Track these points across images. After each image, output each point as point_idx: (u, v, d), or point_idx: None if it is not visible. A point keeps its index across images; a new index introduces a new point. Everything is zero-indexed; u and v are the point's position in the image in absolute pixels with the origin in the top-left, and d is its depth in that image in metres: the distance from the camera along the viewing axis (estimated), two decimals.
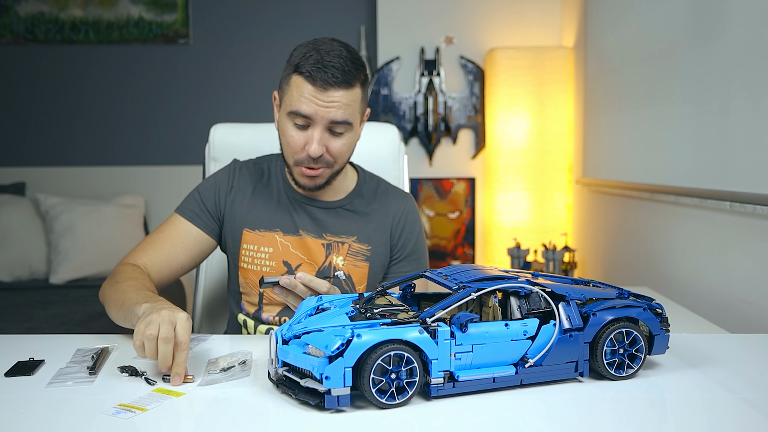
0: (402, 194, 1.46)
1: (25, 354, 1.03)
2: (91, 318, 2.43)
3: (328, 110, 1.21)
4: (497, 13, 3.33)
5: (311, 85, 1.20)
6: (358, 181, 1.43)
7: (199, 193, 1.38)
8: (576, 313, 0.91)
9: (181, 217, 1.35)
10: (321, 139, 1.23)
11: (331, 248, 1.36)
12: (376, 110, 3.34)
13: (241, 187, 1.39)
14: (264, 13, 3.54)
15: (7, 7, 3.50)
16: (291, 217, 1.36)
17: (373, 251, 1.38)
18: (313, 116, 1.22)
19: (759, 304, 1.54)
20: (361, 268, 1.37)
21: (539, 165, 3.13)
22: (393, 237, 1.41)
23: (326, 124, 1.23)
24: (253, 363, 0.99)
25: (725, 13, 1.66)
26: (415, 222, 1.44)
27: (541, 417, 0.82)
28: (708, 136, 1.74)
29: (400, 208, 1.43)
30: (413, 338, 0.81)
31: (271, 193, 1.39)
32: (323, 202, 1.38)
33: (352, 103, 1.24)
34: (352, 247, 1.37)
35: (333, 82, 1.20)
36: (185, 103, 3.56)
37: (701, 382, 0.92)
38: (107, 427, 0.78)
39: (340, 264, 1.36)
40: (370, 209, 1.41)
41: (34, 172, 3.50)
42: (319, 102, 1.21)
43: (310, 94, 1.21)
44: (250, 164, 1.43)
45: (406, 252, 1.42)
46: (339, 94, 1.21)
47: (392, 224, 1.41)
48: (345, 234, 1.37)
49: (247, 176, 1.40)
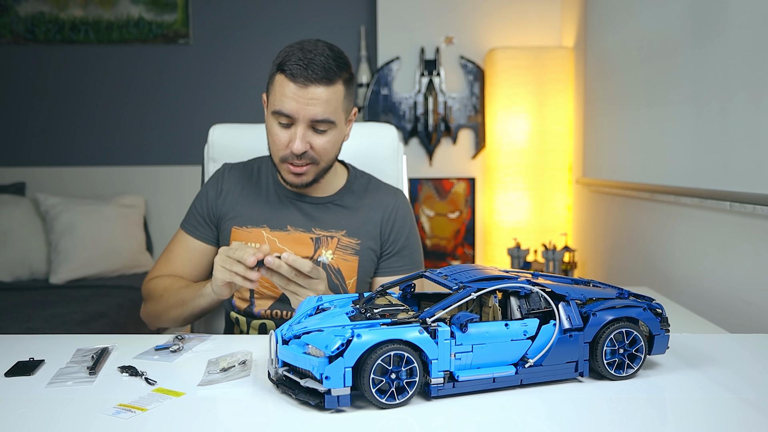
0: (393, 190, 1.48)
1: (25, 354, 1.03)
2: (91, 318, 2.43)
3: (308, 108, 1.24)
4: (497, 13, 3.33)
5: (292, 82, 1.24)
6: (349, 178, 1.46)
7: (194, 206, 1.46)
8: (576, 313, 0.91)
9: (184, 233, 1.44)
10: (304, 136, 1.26)
11: (320, 242, 1.38)
12: (376, 110, 3.34)
13: (230, 189, 1.44)
14: (264, 13, 3.54)
15: (7, 7, 3.50)
16: (279, 213, 1.40)
17: (363, 245, 1.39)
18: (295, 114, 1.25)
19: (759, 304, 1.54)
20: (350, 262, 1.38)
21: (539, 165, 3.13)
22: (383, 232, 1.42)
23: (308, 122, 1.26)
24: (253, 363, 0.99)
25: (725, 13, 1.66)
26: (405, 217, 1.45)
27: (541, 417, 0.82)
28: (708, 136, 1.74)
29: (390, 204, 1.44)
30: (413, 338, 0.81)
31: (260, 191, 1.43)
32: (313, 198, 1.41)
33: (333, 101, 1.26)
34: (342, 241, 1.39)
35: (313, 78, 1.23)
36: (185, 103, 3.57)
37: (701, 382, 0.92)
38: (107, 427, 0.78)
39: (329, 257, 1.38)
40: (360, 204, 1.43)
41: (34, 172, 3.51)
42: (300, 100, 1.24)
43: (292, 93, 1.24)
44: (239, 166, 1.48)
45: (398, 247, 1.43)
46: (319, 91, 1.24)
47: (382, 219, 1.42)
48: (334, 228, 1.39)
49: (235, 177, 1.45)
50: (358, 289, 1.40)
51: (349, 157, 1.55)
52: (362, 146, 1.62)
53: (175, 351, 1.05)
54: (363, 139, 1.64)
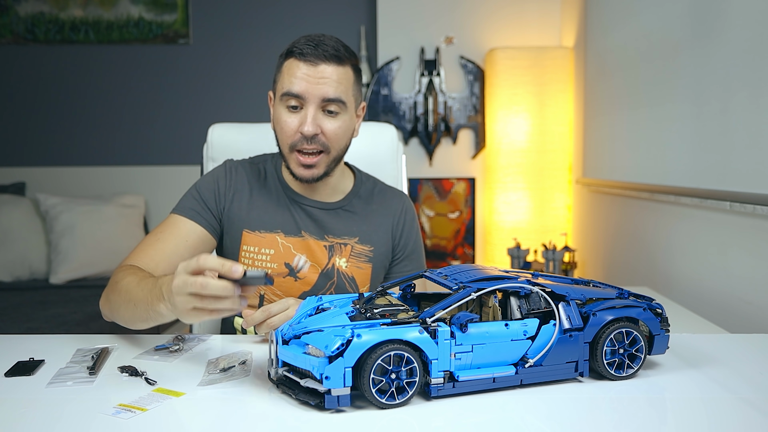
0: (398, 193, 1.47)
1: (25, 354, 1.03)
2: (91, 318, 2.43)
3: (320, 86, 1.23)
4: (497, 13, 3.33)
5: (302, 62, 1.23)
6: (355, 182, 1.43)
7: (198, 191, 1.34)
8: (576, 313, 0.91)
9: (181, 216, 1.30)
10: (315, 117, 1.24)
11: (333, 250, 1.35)
12: (376, 110, 3.34)
13: (239, 187, 1.36)
14: (264, 13, 3.54)
15: (7, 7, 3.50)
16: (292, 218, 1.34)
17: (376, 252, 1.37)
18: (305, 94, 1.23)
19: (759, 304, 1.54)
20: (364, 270, 1.36)
21: (539, 165, 3.13)
22: (395, 237, 1.41)
23: (318, 102, 1.24)
24: (253, 363, 0.99)
25: (725, 13, 1.66)
26: (413, 220, 1.45)
27: (541, 417, 0.82)
28: (708, 136, 1.74)
29: (398, 208, 1.43)
30: (413, 338, 0.81)
31: (269, 194, 1.36)
32: (322, 203, 1.37)
33: (344, 81, 1.25)
34: (355, 248, 1.36)
35: (324, 56, 1.22)
36: (185, 103, 3.56)
37: (701, 382, 0.92)
38: (107, 427, 0.78)
39: (343, 265, 1.35)
40: (369, 210, 1.40)
41: (34, 172, 3.50)
42: (311, 79, 1.22)
43: (303, 73, 1.23)
44: (245, 164, 1.40)
45: (408, 251, 1.42)
46: (330, 69, 1.23)
47: (393, 224, 1.41)
48: (347, 235, 1.36)
49: (244, 176, 1.37)
50: None
51: (348, 157, 1.55)
52: (362, 146, 1.62)
53: (175, 351, 1.05)
54: (362, 139, 1.64)
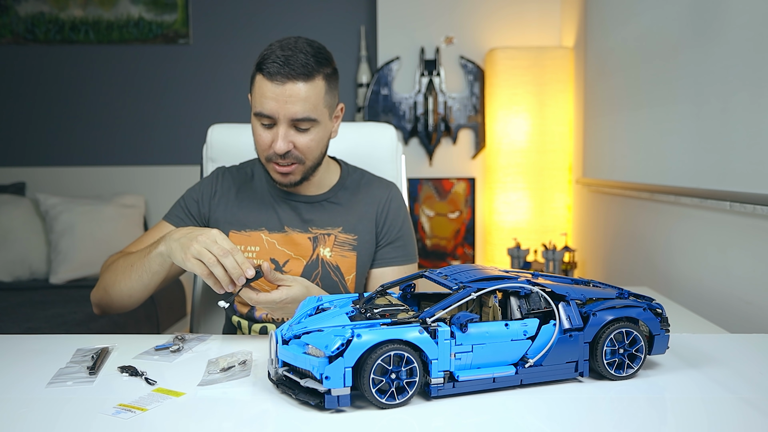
0: (386, 183, 1.48)
1: (26, 354, 1.03)
2: (91, 318, 2.43)
3: (287, 106, 1.23)
4: (497, 13, 3.33)
5: (270, 81, 1.23)
6: (342, 174, 1.45)
7: (183, 200, 1.43)
8: (576, 313, 0.91)
9: (167, 222, 1.40)
10: (285, 135, 1.25)
11: (317, 241, 1.38)
12: (376, 110, 3.34)
13: (224, 192, 1.43)
14: (264, 13, 3.54)
15: (7, 7, 3.50)
16: (276, 215, 1.39)
17: (360, 240, 1.39)
18: (275, 114, 1.24)
19: (759, 304, 1.54)
20: (348, 258, 1.39)
21: (539, 165, 3.13)
22: (378, 224, 1.42)
23: (288, 121, 1.25)
24: (253, 363, 0.99)
25: (725, 13, 1.66)
26: (399, 208, 1.45)
27: (541, 417, 0.82)
28: (708, 136, 1.74)
29: (383, 196, 1.44)
30: (413, 338, 0.81)
31: (254, 194, 1.42)
32: (307, 197, 1.41)
33: (313, 97, 1.25)
34: (338, 237, 1.39)
35: (291, 75, 1.22)
36: (185, 103, 3.56)
37: (701, 382, 0.92)
38: (107, 427, 0.78)
39: (327, 254, 1.37)
40: (354, 200, 1.43)
41: (34, 172, 3.50)
42: (279, 98, 1.23)
43: (271, 92, 1.23)
44: (233, 169, 1.48)
45: (391, 237, 1.43)
46: (297, 87, 1.22)
47: (377, 212, 1.43)
48: (330, 226, 1.39)
49: (230, 180, 1.44)
50: (358, 285, 1.40)
51: (348, 157, 1.55)
52: (361, 146, 1.62)
53: (175, 351, 1.05)
54: (362, 139, 1.64)
